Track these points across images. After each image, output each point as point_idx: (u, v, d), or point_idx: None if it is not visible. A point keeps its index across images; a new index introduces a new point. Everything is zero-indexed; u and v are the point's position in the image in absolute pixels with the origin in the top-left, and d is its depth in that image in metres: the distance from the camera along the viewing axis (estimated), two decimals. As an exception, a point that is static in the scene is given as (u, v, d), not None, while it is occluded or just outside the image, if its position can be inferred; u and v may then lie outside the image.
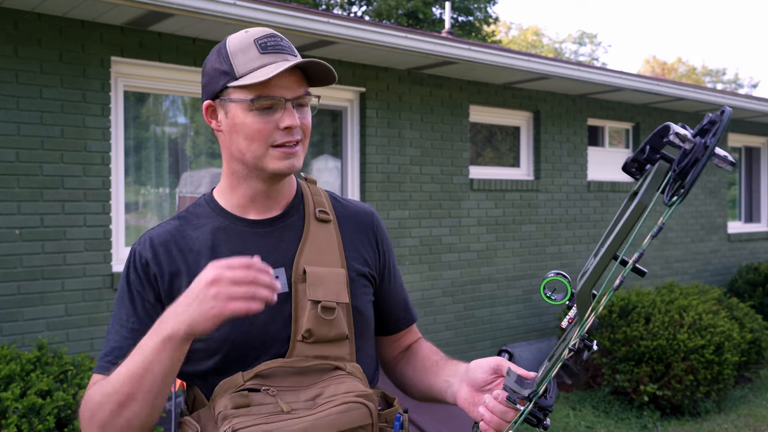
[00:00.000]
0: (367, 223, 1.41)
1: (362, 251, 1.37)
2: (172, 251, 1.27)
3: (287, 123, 1.22)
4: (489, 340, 6.18)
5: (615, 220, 1.10)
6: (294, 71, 1.25)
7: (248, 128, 1.23)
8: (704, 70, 36.03)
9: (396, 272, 1.48)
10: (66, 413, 2.90)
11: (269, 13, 4.15)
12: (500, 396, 1.16)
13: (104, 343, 1.28)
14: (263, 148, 1.24)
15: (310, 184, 1.42)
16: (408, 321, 1.50)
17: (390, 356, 1.51)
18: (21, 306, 3.88)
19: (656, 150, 1.05)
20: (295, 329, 1.22)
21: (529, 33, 33.60)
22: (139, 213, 4.67)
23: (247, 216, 1.31)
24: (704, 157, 0.94)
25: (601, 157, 7.32)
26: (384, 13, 14.70)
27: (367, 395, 1.18)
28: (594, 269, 1.04)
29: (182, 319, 1.08)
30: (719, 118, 0.95)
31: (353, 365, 1.24)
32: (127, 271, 1.29)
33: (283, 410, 1.12)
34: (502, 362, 1.26)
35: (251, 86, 1.22)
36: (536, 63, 5.68)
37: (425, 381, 1.41)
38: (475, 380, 1.27)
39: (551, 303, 1.12)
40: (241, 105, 1.23)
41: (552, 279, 1.13)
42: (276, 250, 1.28)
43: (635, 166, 1.09)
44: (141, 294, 1.26)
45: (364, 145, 5.39)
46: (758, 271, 8.06)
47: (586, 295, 1.06)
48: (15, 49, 3.87)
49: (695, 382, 5.16)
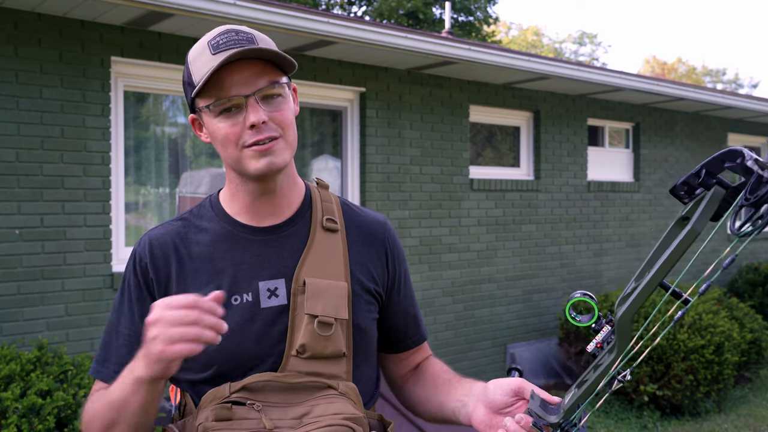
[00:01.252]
0: (379, 235, 1.34)
1: (369, 265, 1.30)
2: (170, 255, 1.24)
3: (251, 120, 1.14)
4: (489, 340, 6.18)
5: (661, 243, 1.03)
6: (253, 63, 1.16)
7: (219, 134, 1.18)
8: (704, 70, 36.02)
9: (408, 288, 1.40)
10: (66, 413, 2.90)
11: (269, 13, 4.15)
12: (523, 420, 1.10)
13: (102, 338, 1.29)
14: (237, 151, 1.17)
15: (321, 189, 1.34)
16: (418, 339, 1.42)
17: (398, 375, 1.44)
18: (21, 306, 3.88)
19: (712, 175, 0.98)
20: (290, 343, 1.17)
21: (529, 33, 33.60)
22: (139, 213, 4.67)
23: (250, 222, 1.26)
24: None
25: (601, 157, 7.32)
26: (384, 13, 14.70)
27: (356, 419, 1.12)
28: (638, 296, 0.97)
29: (143, 363, 1.07)
30: None
31: (347, 385, 1.18)
32: (127, 273, 1.27)
33: (266, 426, 1.08)
34: (525, 384, 1.19)
35: (208, 91, 1.16)
36: (536, 63, 5.68)
37: (436, 400, 1.34)
38: (494, 402, 1.20)
39: (576, 324, 1.06)
40: (207, 113, 1.18)
41: (578, 299, 1.07)
42: (277, 260, 1.23)
43: (684, 189, 1.03)
44: (139, 300, 1.24)
45: (364, 145, 5.39)
46: (758, 271, 8.06)
47: (627, 323, 0.99)
48: (15, 49, 3.87)
49: (695, 382, 5.16)
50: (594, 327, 1.06)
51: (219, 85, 1.15)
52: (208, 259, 1.23)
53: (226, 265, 1.22)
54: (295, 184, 1.30)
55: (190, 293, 1.14)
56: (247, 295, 1.20)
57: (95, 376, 1.25)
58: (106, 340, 1.27)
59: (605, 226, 7.19)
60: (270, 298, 1.20)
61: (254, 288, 1.20)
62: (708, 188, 0.98)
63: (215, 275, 1.21)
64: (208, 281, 1.21)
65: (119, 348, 1.23)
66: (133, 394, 1.09)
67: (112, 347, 1.24)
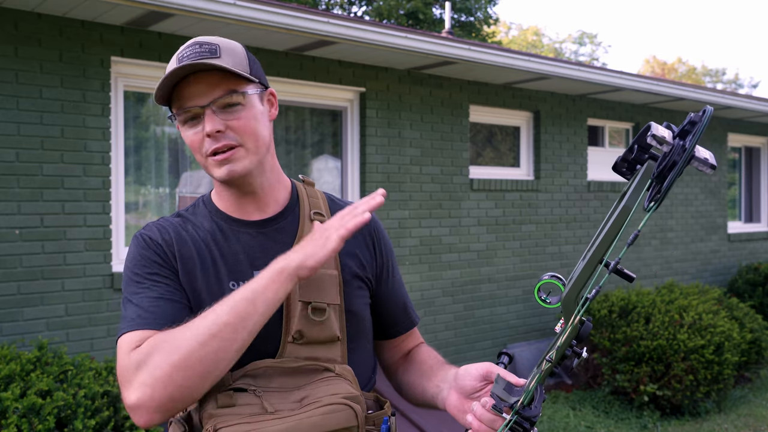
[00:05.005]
0: (364, 225, 1.41)
1: (358, 253, 1.36)
2: (172, 240, 1.28)
3: (206, 130, 1.22)
4: (489, 340, 6.18)
5: (604, 222, 1.06)
6: (212, 74, 1.21)
7: (187, 141, 1.27)
8: (704, 70, 36.03)
9: (396, 275, 1.46)
10: (66, 413, 2.89)
11: (269, 13, 4.15)
12: (488, 404, 1.14)
13: (127, 311, 1.20)
14: (203, 159, 1.26)
15: (307, 186, 1.41)
16: (408, 325, 1.48)
17: (391, 361, 1.50)
18: (21, 306, 3.88)
19: (645, 150, 1.00)
20: (286, 330, 1.22)
21: (529, 33, 33.60)
22: (139, 213, 4.67)
23: (241, 217, 1.32)
24: (682, 160, 0.90)
25: (601, 157, 7.32)
26: (384, 13, 14.70)
27: (353, 397, 1.16)
28: (580, 274, 1.00)
29: (294, 256, 1.15)
30: (699, 119, 0.91)
31: (343, 367, 1.23)
32: (137, 252, 1.25)
33: (267, 410, 1.11)
34: (492, 368, 1.23)
35: (174, 102, 1.25)
36: (536, 63, 5.68)
37: (420, 386, 1.40)
38: (464, 387, 1.25)
39: (545, 306, 1.08)
40: (177, 121, 1.27)
41: (546, 282, 1.09)
42: (270, 250, 1.28)
43: (625, 166, 1.05)
44: (162, 266, 1.24)
45: (364, 145, 5.39)
46: (758, 271, 8.06)
47: (571, 301, 1.02)
48: (15, 49, 3.87)
49: (695, 382, 5.16)
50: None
51: (180, 96, 1.23)
52: (205, 249, 1.28)
53: (222, 254, 1.28)
54: (279, 182, 1.36)
55: (191, 276, 1.23)
56: (244, 282, 1.23)
57: (141, 327, 1.14)
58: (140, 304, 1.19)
59: (605, 226, 7.18)
60: None
61: (250, 276, 1.23)
62: (642, 163, 1.00)
63: (213, 263, 1.27)
64: (207, 268, 1.26)
65: (163, 306, 1.18)
66: (267, 285, 1.12)
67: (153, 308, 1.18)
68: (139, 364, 1.08)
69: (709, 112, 0.90)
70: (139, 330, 1.14)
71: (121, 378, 1.11)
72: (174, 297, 1.20)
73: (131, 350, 1.11)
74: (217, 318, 1.10)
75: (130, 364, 1.09)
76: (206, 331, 1.09)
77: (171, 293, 1.21)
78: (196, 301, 1.23)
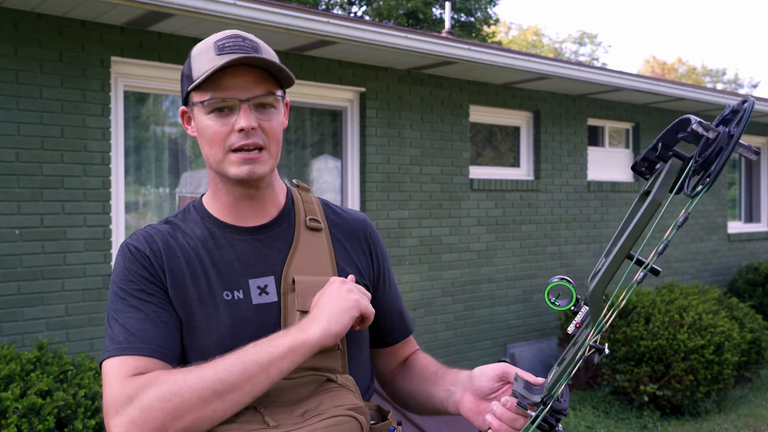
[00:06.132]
0: (360, 231, 1.38)
1: (355, 260, 1.33)
2: (160, 251, 1.23)
3: (241, 124, 1.18)
4: (489, 340, 6.18)
5: (626, 219, 1.07)
6: (253, 71, 1.19)
7: (207, 131, 1.21)
8: (704, 70, 36.03)
9: (391, 282, 1.43)
10: (66, 413, 2.89)
11: (269, 13, 4.15)
12: (509, 402, 1.13)
13: (112, 330, 1.17)
14: (222, 152, 1.21)
15: (302, 192, 1.38)
16: (404, 332, 1.46)
17: (387, 369, 1.48)
18: (21, 306, 3.88)
19: (669, 147, 1.02)
20: None
21: (529, 33, 33.60)
22: (139, 213, 4.67)
23: (235, 223, 1.28)
24: (729, 146, 0.91)
25: (601, 157, 7.32)
26: (384, 13, 14.69)
27: (357, 408, 1.13)
28: (607, 270, 1.01)
29: (316, 326, 1.13)
30: (741, 108, 0.93)
31: (345, 377, 1.20)
32: (125, 265, 1.21)
33: (269, 425, 1.08)
34: (509, 368, 1.22)
35: (205, 88, 1.19)
36: (536, 63, 5.68)
37: (424, 392, 1.37)
38: (480, 388, 1.23)
39: (555, 309, 1.09)
40: (199, 108, 1.21)
41: (556, 284, 1.09)
42: (265, 258, 1.25)
43: (645, 165, 1.06)
44: (150, 282, 1.20)
45: (364, 145, 5.39)
46: (758, 271, 8.06)
47: (598, 297, 1.03)
48: (15, 49, 3.87)
49: (695, 382, 5.16)
50: (573, 309, 1.10)
51: (217, 85, 1.18)
52: (196, 258, 1.23)
53: (214, 263, 1.23)
54: (276, 188, 1.33)
55: (181, 289, 1.18)
56: (238, 292, 1.22)
57: (129, 353, 1.12)
58: (126, 326, 1.16)
59: (605, 226, 7.19)
60: (261, 295, 1.22)
61: (245, 285, 1.22)
62: (666, 161, 1.02)
63: (205, 273, 1.22)
64: (198, 278, 1.22)
65: (152, 331, 1.15)
66: (286, 359, 1.09)
67: (142, 331, 1.15)
68: (131, 399, 1.06)
69: (751, 101, 0.92)
70: (128, 356, 1.12)
71: (107, 404, 1.08)
72: (161, 318, 1.16)
73: (124, 379, 1.09)
74: (226, 376, 1.07)
75: (121, 395, 1.07)
76: (210, 386, 1.06)
77: (158, 314, 1.17)
78: (187, 314, 1.19)
